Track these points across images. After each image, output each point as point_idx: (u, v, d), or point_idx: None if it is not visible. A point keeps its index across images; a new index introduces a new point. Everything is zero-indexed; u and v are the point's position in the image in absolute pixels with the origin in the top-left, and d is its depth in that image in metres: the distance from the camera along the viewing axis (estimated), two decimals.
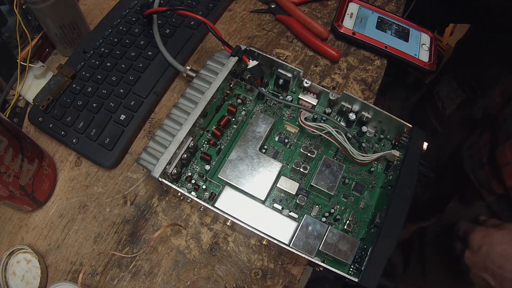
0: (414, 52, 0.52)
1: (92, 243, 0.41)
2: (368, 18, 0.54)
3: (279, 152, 0.44)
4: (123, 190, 0.44)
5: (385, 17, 0.55)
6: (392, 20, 0.55)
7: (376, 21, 0.54)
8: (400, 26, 0.55)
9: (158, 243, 0.41)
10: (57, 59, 0.53)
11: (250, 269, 0.40)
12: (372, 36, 0.52)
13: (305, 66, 0.52)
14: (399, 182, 0.38)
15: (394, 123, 0.42)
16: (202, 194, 0.41)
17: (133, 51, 0.49)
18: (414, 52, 0.52)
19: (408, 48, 0.52)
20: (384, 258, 0.34)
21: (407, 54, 0.52)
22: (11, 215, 0.43)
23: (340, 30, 0.52)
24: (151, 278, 0.39)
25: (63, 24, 0.48)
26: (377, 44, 0.52)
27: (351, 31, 0.52)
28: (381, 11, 0.56)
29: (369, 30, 0.53)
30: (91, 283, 0.39)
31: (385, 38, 0.53)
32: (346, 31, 0.53)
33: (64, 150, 0.46)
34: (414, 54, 0.52)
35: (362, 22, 0.54)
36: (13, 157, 0.36)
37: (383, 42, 0.52)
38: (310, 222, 0.38)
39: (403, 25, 0.55)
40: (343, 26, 0.53)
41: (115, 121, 0.45)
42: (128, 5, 0.54)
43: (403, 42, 0.53)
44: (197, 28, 0.52)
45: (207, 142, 0.44)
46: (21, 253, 0.40)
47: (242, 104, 0.46)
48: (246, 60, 0.42)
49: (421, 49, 0.53)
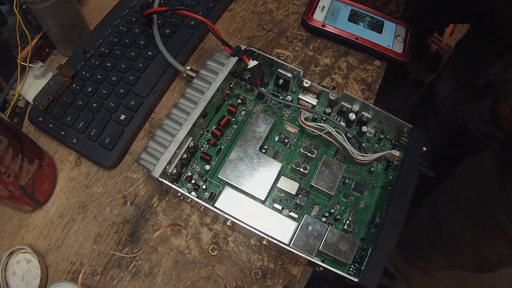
0: (388, 44, 0.52)
1: (92, 243, 0.41)
2: (340, 10, 0.55)
3: (279, 152, 0.44)
4: (123, 190, 0.44)
5: (358, 9, 0.56)
6: (366, 12, 0.56)
7: (348, 14, 0.55)
8: (374, 18, 0.55)
9: (158, 243, 0.41)
10: (57, 59, 0.53)
11: (250, 269, 0.40)
12: (343, 28, 0.53)
13: (305, 66, 0.52)
14: (399, 182, 0.38)
15: (394, 123, 0.42)
16: (202, 194, 0.41)
17: (133, 51, 0.49)
18: (388, 44, 0.52)
19: (381, 40, 0.53)
20: (384, 258, 0.34)
21: (379, 45, 0.52)
22: (11, 215, 0.43)
23: (309, 23, 0.53)
24: (151, 278, 0.39)
25: (63, 24, 0.48)
26: (347, 36, 0.52)
27: (320, 23, 0.53)
28: (355, 4, 0.56)
29: (341, 22, 0.54)
30: (91, 283, 0.39)
31: (357, 30, 0.53)
32: (315, 23, 0.53)
33: (64, 150, 0.46)
34: (388, 45, 0.52)
35: (333, 14, 0.54)
36: (13, 157, 0.36)
37: (354, 33, 0.53)
38: (310, 222, 0.38)
39: (377, 17, 0.56)
40: (313, 19, 0.53)
41: (115, 121, 0.45)
42: (128, 5, 0.54)
43: (376, 34, 0.53)
44: (197, 28, 0.52)
45: (207, 142, 0.44)
46: (21, 253, 0.40)
47: (242, 104, 0.46)
48: (246, 60, 0.42)
49: (395, 40, 0.53)
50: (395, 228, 0.35)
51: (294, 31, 0.55)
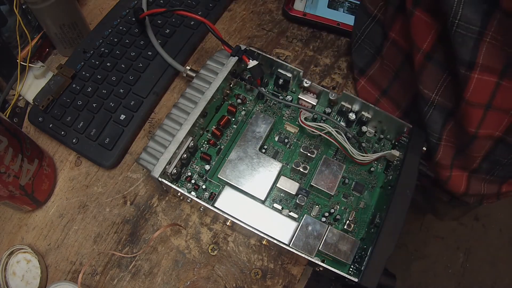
0: None
1: (92, 243, 0.41)
2: None
3: (279, 152, 0.44)
4: (123, 190, 0.44)
5: None
6: None
7: (327, 1, 0.56)
8: (353, 3, 0.56)
9: (158, 243, 0.41)
10: (57, 59, 0.53)
11: (250, 269, 0.40)
12: (324, 15, 0.54)
13: (305, 66, 0.52)
14: (399, 182, 0.38)
15: (394, 123, 0.42)
16: (202, 194, 0.41)
17: (133, 51, 0.49)
18: None
19: None
20: (384, 258, 0.34)
21: None
22: (11, 215, 0.43)
23: (290, 13, 0.54)
24: (151, 278, 0.39)
25: (63, 24, 0.48)
26: (329, 22, 0.53)
27: (301, 12, 0.54)
28: None
29: (321, 9, 0.55)
30: (91, 283, 0.39)
31: (338, 16, 0.54)
32: (296, 13, 0.54)
33: (64, 150, 0.46)
34: None
35: (313, 3, 0.55)
36: (13, 157, 0.36)
37: (335, 20, 0.53)
38: (310, 222, 0.38)
39: (356, 2, 0.56)
40: (294, 9, 0.54)
41: (115, 121, 0.45)
42: (128, 5, 0.54)
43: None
44: (197, 28, 0.52)
45: (207, 142, 0.44)
46: (21, 253, 0.40)
47: (242, 104, 0.46)
48: (246, 60, 0.42)
49: None
50: (395, 228, 0.35)
51: (294, 31, 0.55)
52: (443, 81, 0.38)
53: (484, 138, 0.37)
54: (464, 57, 0.33)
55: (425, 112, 0.39)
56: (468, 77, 0.33)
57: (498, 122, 0.36)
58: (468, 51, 0.32)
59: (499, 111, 0.35)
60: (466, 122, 0.36)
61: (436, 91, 0.38)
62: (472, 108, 0.35)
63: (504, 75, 0.33)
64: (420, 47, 0.37)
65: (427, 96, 0.39)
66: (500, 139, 0.37)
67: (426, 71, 0.38)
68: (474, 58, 0.32)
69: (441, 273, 1.14)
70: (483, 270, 1.14)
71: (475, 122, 0.35)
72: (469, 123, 0.36)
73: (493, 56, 0.32)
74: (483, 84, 0.33)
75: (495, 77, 0.33)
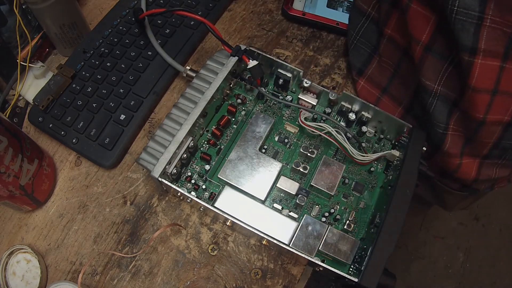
0: None
1: (92, 243, 0.41)
2: None
3: (279, 152, 0.44)
4: (123, 190, 0.44)
5: None
6: None
7: (327, 0, 0.56)
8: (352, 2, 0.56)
9: (158, 243, 0.41)
10: (57, 59, 0.53)
11: (250, 269, 0.40)
12: (323, 15, 0.54)
13: (305, 66, 0.52)
14: (399, 182, 0.38)
15: (394, 123, 0.42)
16: (202, 194, 0.41)
17: (133, 51, 0.49)
18: None
19: None
20: (384, 258, 0.34)
21: None
22: (11, 215, 0.43)
23: (290, 13, 0.54)
24: (151, 278, 0.39)
25: (63, 24, 0.48)
26: (328, 22, 0.53)
27: (301, 12, 0.54)
28: None
29: (320, 9, 0.55)
30: (91, 283, 0.39)
31: (337, 15, 0.54)
32: (296, 12, 0.53)
33: (64, 150, 0.46)
34: None
35: (312, 3, 0.55)
36: (13, 157, 0.36)
37: (334, 19, 0.53)
38: (310, 222, 0.38)
39: None
40: (293, 8, 0.54)
41: (115, 121, 0.45)
42: (128, 5, 0.54)
43: None
44: (197, 28, 0.52)
45: (207, 142, 0.44)
46: (21, 253, 0.40)
47: (242, 104, 0.46)
48: (246, 60, 0.42)
49: None
50: (395, 228, 0.35)
51: (294, 31, 0.55)
52: (444, 71, 0.38)
53: (492, 124, 0.37)
54: (466, 43, 0.33)
55: (430, 104, 0.39)
56: (472, 63, 0.33)
57: (506, 107, 0.36)
58: (470, 37, 0.33)
59: (506, 95, 0.35)
60: (473, 109, 0.36)
61: (438, 82, 0.38)
62: (478, 94, 0.35)
63: (506, 58, 0.33)
64: (419, 39, 0.37)
65: (430, 87, 0.39)
66: (509, 123, 0.37)
67: (427, 63, 0.38)
68: (476, 44, 0.32)
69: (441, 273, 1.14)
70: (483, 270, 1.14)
71: (483, 108, 0.35)
72: (476, 109, 0.36)
73: (494, 40, 0.32)
74: (488, 69, 0.33)
75: (498, 60, 0.33)
